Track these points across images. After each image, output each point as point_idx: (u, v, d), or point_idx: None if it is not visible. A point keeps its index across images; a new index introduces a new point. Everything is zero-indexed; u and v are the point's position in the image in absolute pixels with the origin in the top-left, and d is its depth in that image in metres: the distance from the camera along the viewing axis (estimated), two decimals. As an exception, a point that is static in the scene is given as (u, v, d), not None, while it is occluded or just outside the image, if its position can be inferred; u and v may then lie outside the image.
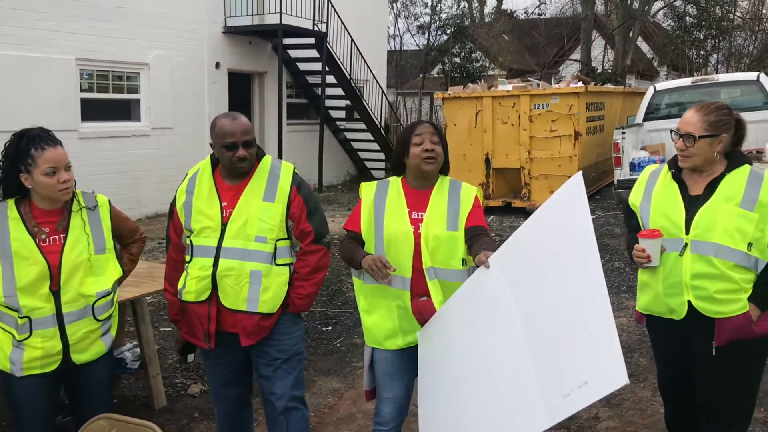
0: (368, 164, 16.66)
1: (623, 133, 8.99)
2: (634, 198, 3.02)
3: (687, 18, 27.35)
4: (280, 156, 13.43)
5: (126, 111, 11.57)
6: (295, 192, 3.02)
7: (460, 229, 2.80)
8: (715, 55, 28.73)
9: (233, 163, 2.93)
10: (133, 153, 11.39)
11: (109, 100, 11.31)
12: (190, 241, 3.01)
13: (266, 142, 14.06)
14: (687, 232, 2.77)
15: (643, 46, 30.49)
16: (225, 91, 13.09)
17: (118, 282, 2.97)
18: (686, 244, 2.76)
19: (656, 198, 2.91)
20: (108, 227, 2.91)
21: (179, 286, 3.06)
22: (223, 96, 12.99)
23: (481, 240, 2.73)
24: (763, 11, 28.52)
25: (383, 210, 2.90)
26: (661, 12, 28.94)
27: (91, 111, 10.91)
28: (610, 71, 23.17)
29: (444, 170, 2.96)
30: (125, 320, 4.73)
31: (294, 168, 3.16)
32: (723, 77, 10.48)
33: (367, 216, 2.92)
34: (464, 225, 2.81)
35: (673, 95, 10.53)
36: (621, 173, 8.73)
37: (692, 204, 2.80)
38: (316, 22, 13.61)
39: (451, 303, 2.68)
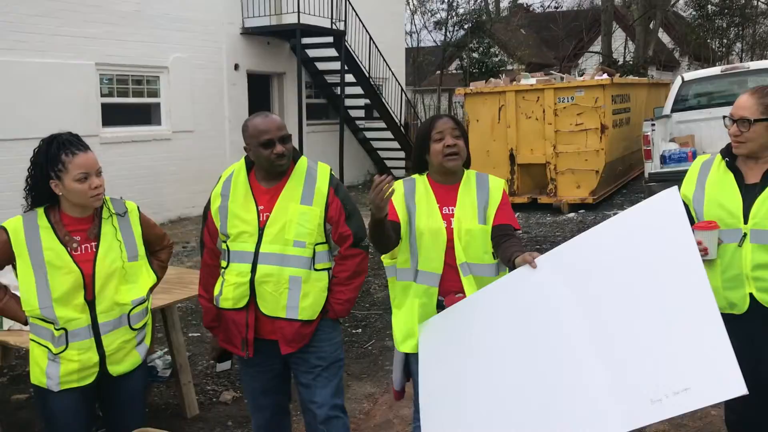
0: (388, 163, 16.51)
1: (653, 125, 8.77)
2: (686, 190, 2.89)
3: (709, 6, 26.92)
4: (301, 156, 13.32)
5: (146, 115, 11.53)
6: (332, 194, 2.92)
7: (488, 223, 2.75)
8: (738, 44, 28.27)
9: (272, 161, 2.82)
10: (154, 157, 11.35)
11: (130, 104, 11.28)
12: (227, 246, 2.91)
13: (287, 142, 13.94)
14: (745, 222, 2.66)
15: (664, 37, 30.08)
16: (244, 92, 13.02)
17: (151, 289, 2.87)
18: (745, 234, 2.65)
19: (710, 188, 2.80)
20: (138, 233, 2.82)
21: (215, 292, 2.97)
22: (242, 98, 12.92)
23: (511, 241, 2.68)
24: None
25: (414, 206, 2.82)
26: (682, 1, 28.51)
27: (112, 116, 10.88)
28: (631, 63, 22.83)
29: (466, 163, 2.87)
30: (155, 327, 4.63)
31: (330, 170, 3.05)
32: (754, 65, 10.19)
33: (401, 210, 2.82)
34: (492, 220, 2.75)
35: (702, 85, 10.26)
36: (652, 166, 8.52)
37: (749, 192, 2.69)
38: (334, 20, 13.50)
39: (476, 300, 2.60)
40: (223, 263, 2.94)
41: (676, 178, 8.28)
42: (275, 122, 2.85)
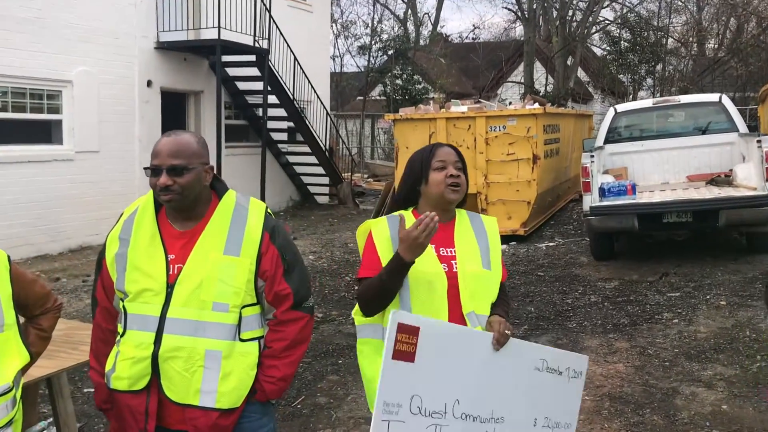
0: (312, 189, 15.88)
1: (592, 156, 8.50)
2: None
3: (622, 42, 27.79)
4: (218, 181, 12.46)
5: (46, 133, 10.46)
6: (267, 241, 2.32)
7: (494, 269, 2.44)
8: (649, 79, 29.30)
9: (157, 194, 2.27)
10: (54, 179, 10.27)
11: (27, 120, 10.20)
12: (123, 307, 2.29)
13: (203, 166, 13.05)
14: None
15: (579, 72, 30.89)
16: (158, 111, 12.09)
17: (23, 370, 2.13)
18: None
19: None
20: (7, 295, 2.07)
21: (107, 366, 2.29)
22: (155, 116, 11.99)
23: (500, 298, 2.47)
24: (692, 37, 29.31)
25: None
26: (596, 36, 29.37)
27: (6, 132, 9.79)
28: (551, 94, 23.13)
29: (461, 202, 2.51)
30: (37, 394, 3.77)
31: (266, 208, 2.42)
32: (684, 98, 10.21)
33: (388, 255, 2.31)
34: (500, 265, 2.48)
35: (634, 117, 10.19)
36: (591, 199, 8.22)
37: None
38: (257, 38, 12.79)
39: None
40: (120, 329, 2.32)
41: (616, 212, 7.95)
42: (171, 145, 2.26)
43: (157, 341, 2.20)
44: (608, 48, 29.20)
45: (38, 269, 9.12)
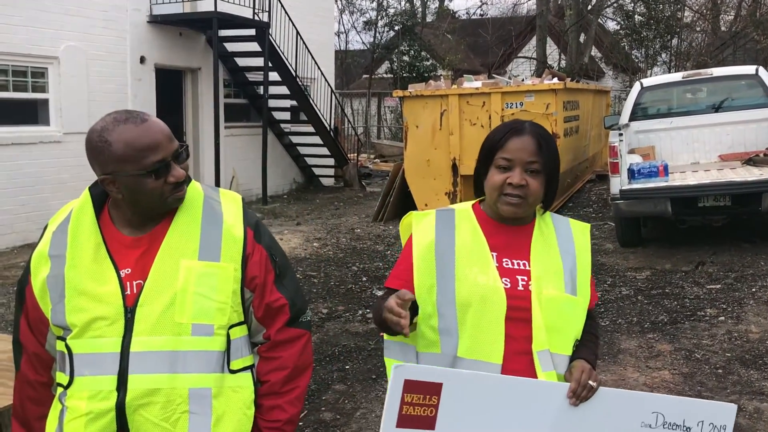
0: (317, 171, 15.22)
1: (620, 134, 7.80)
2: None
3: (636, 17, 26.93)
4: (217, 165, 11.84)
5: (32, 113, 9.82)
6: (252, 240, 1.80)
7: (582, 295, 1.84)
8: (664, 54, 28.46)
9: (165, 197, 1.70)
10: (40, 162, 9.65)
11: (10, 100, 9.54)
12: (67, 347, 1.70)
13: (202, 148, 12.42)
14: None
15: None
16: (152, 89, 11.42)
17: None
18: None
19: None
20: None
21: (49, 430, 1.72)
22: (149, 95, 11.32)
23: (587, 335, 1.87)
24: (709, 9, 28.38)
25: (452, 255, 1.81)
26: (609, 10, 28.46)
27: (-13, 113, 9.15)
28: (565, 70, 22.33)
29: (546, 202, 1.90)
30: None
31: (242, 200, 1.86)
32: (717, 71, 9.47)
33: (425, 265, 1.82)
34: (588, 290, 1.87)
35: (662, 92, 9.47)
36: (620, 182, 7.53)
37: None
38: (256, 10, 12.07)
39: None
40: (62, 379, 1.73)
41: (649, 196, 7.24)
42: (161, 128, 1.71)
43: (122, 386, 1.65)
44: (621, 22, 28.35)
45: (24, 259, 8.51)
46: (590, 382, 1.69)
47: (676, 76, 9.66)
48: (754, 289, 6.37)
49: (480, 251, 1.81)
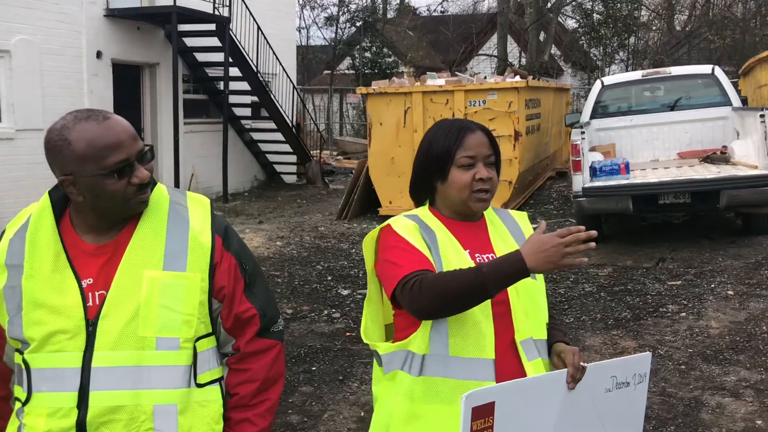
0: (278, 168, 15.09)
1: (582, 132, 7.87)
2: None
3: (594, 15, 27.31)
4: (177, 162, 11.62)
5: (-18, 109, 9.49)
6: (220, 247, 1.71)
7: (540, 278, 1.90)
8: (621, 53, 28.93)
9: (128, 199, 1.62)
10: (-8, 160, 9.33)
11: (-41, 94, 9.22)
12: (24, 361, 1.62)
13: (161, 145, 12.18)
14: None
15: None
16: (109, 85, 11.17)
17: None
18: None
19: None
20: None
21: None
22: (106, 91, 11.07)
23: (552, 317, 1.94)
24: (665, 9, 28.96)
25: (438, 255, 1.79)
26: (569, 8, 28.82)
27: (-66, 108, 8.81)
28: (525, 68, 22.55)
29: None
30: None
31: (210, 204, 1.78)
32: (675, 70, 9.64)
33: (427, 251, 1.81)
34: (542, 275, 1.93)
35: (622, 90, 9.62)
36: (582, 179, 7.60)
37: None
38: (216, 5, 11.87)
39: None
40: (20, 393, 1.64)
41: (611, 193, 7.33)
42: (125, 127, 1.61)
43: (82, 403, 1.57)
44: (580, 21, 28.73)
45: (-25, 260, 8.23)
46: (582, 364, 1.72)
47: (636, 75, 9.82)
48: (713, 285, 6.50)
49: (457, 251, 1.81)
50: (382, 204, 10.65)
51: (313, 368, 4.95)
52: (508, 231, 1.93)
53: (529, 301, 1.83)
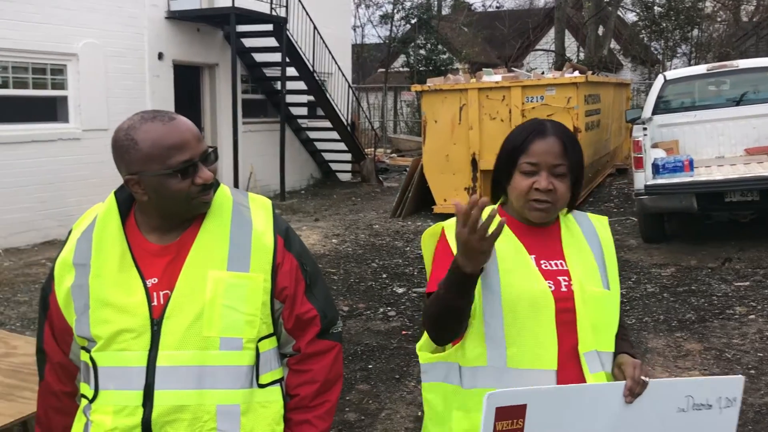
0: (334, 166, 15.16)
1: (644, 128, 7.66)
2: None
3: (656, 8, 26.57)
4: (236, 161, 11.82)
5: (51, 110, 9.82)
6: (282, 248, 1.71)
7: (614, 289, 1.79)
8: (684, 46, 28.08)
9: (190, 200, 1.62)
10: (59, 159, 9.65)
11: (30, 97, 9.54)
12: (91, 359, 1.63)
13: (220, 144, 12.39)
14: None
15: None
16: (170, 85, 11.41)
17: None
18: None
19: None
20: None
21: None
22: (167, 91, 11.31)
23: (622, 330, 1.82)
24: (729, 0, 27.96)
25: (494, 261, 1.69)
26: (628, 1, 28.11)
27: (7, 111, 9.15)
28: (584, 63, 22.11)
29: (571, 203, 1.82)
30: None
31: (272, 205, 1.78)
32: (743, 63, 9.27)
33: None
34: (618, 283, 1.82)
35: (685, 85, 9.30)
36: (644, 177, 7.40)
37: None
38: (273, 5, 12.01)
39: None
40: (86, 391, 1.65)
41: (675, 191, 7.11)
42: (189, 127, 1.63)
43: (147, 402, 1.58)
44: (640, 14, 27.98)
45: (45, 256, 8.55)
46: (643, 378, 1.65)
47: (701, 69, 9.48)
48: (783, 287, 6.24)
49: (520, 256, 1.74)
50: (437, 202, 10.60)
51: (370, 366, 4.96)
52: (583, 236, 1.84)
53: (598, 311, 1.74)
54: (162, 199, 1.60)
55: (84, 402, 1.66)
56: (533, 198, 1.72)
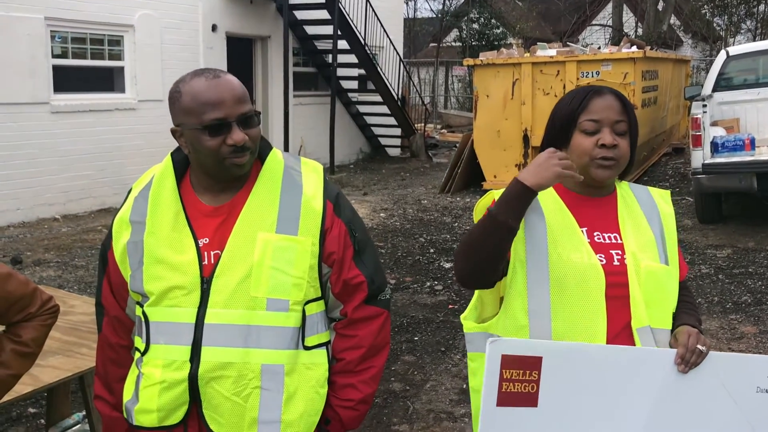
0: (383, 141, 15.14)
1: (704, 105, 7.41)
2: None
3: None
4: (286, 133, 11.91)
5: (108, 81, 10.03)
6: (331, 213, 1.73)
7: (673, 264, 1.73)
8: (748, 22, 27.00)
9: (222, 160, 1.63)
10: (116, 129, 9.87)
11: (88, 67, 9.75)
12: (144, 313, 1.69)
13: (271, 116, 12.51)
14: None
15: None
16: (223, 57, 11.52)
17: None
18: None
19: None
20: None
21: (126, 396, 1.72)
22: (221, 63, 11.43)
23: (683, 302, 1.75)
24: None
25: (543, 234, 1.67)
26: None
27: (66, 80, 9.37)
28: (642, 39, 21.49)
29: (627, 169, 1.77)
30: (69, 388, 3.24)
31: (324, 170, 1.79)
32: (812, 39, 8.85)
33: (515, 240, 1.65)
34: (677, 259, 1.76)
35: (749, 61, 8.94)
36: (702, 155, 7.18)
37: None
38: (326, -22, 11.98)
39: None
40: (140, 344, 1.72)
41: (733, 170, 6.89)
42: (232, 88, 1.63)
43: (195, 357, 1.63)
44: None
45: (101, 223, 8.81)
46: (699, 347, 1.59)
47: (765, 44, 9.10)
48: None
49: (570, 228, 1.70)
50: (487, 178, 10.51)
51: (416, 338, 4.98)
52: (641, 209, 1.77)
53: (654, 287, 1.67)
54: (198, 154, 1.64)
55: (137, 355, 1.72)
56: (599, 156, 1.67)
